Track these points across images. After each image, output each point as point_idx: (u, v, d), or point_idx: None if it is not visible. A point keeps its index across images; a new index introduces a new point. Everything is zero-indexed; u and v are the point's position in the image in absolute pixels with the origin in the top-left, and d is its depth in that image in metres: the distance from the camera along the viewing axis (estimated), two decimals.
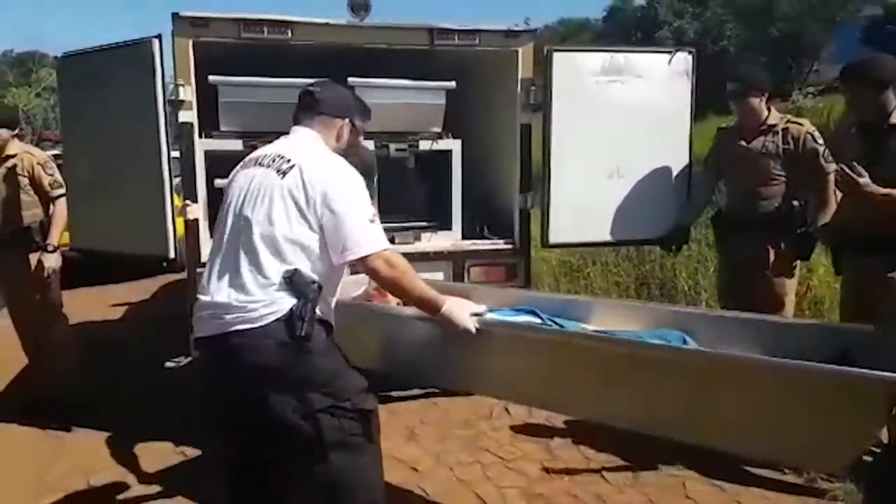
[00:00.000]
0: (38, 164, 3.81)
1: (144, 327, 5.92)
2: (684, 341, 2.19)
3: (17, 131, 3.93)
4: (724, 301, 3.32)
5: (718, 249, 3.74)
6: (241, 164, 2.22)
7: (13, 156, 3.78)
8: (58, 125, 24.36)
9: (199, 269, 3.45)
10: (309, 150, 2.12)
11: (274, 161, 2.06)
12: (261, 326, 1.91)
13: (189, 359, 4.77)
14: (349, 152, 2.61)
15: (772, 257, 3.26)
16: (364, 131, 2.78)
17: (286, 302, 1.93)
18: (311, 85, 2.28)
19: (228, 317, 1.94)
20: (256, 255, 1.96)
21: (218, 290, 1.98)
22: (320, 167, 2.03)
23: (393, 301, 2.51)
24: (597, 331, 2.32)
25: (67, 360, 3.96)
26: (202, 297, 2.04)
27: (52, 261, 3.78)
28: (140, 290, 7.33)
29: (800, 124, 3.28)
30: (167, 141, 3.40)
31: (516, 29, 3.80)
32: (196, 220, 3.47)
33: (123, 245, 3.76)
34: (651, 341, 2.15)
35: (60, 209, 3.81)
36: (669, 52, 3.79)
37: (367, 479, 2.07)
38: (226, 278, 1.99)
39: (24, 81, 26.32)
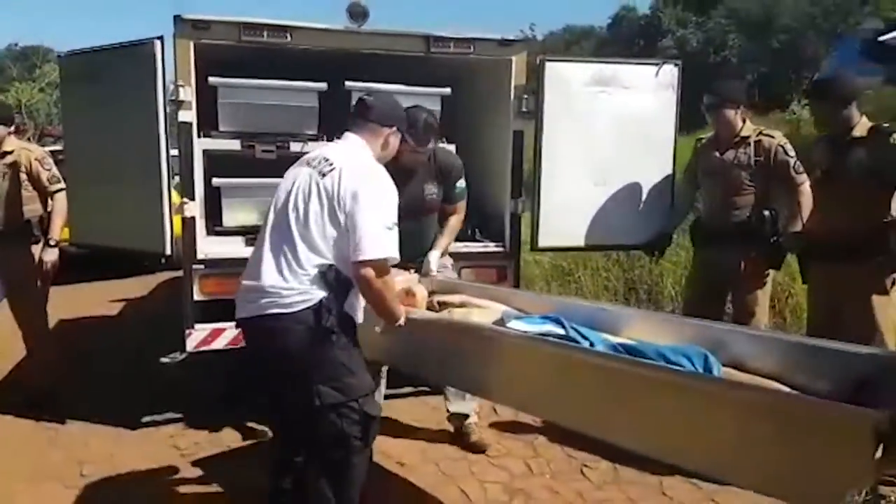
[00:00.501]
0: (36, 159, 3.88)
1: (141, 323, 6.00)
2: (706, 358, 2.11)
3: (12, 128, 4.01)
4: (693, 309, 3.36)
5: (694, 257, 3.82)
6: (297, 163, 2.41)
7: (11, 152, 3.84)
8: (61, 121, 24.52)
9: (194, 266, 3.57)
10: (352, 155, 2.30)
11: (320, 163, 2.26)
12: (292, 313, 2.14)
13: (184, 355, 4.86)
14: (414, 158, 2.98)
15: (743, 266, 3.34)
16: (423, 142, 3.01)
17: (318, 293, 2.14)
18: (366, 94, 2.52)
19: (264, 301, 2.17)
20: (294, 247, 2.16)
21: (258, 276, 2.20)
22: (356, 172, 2.21)
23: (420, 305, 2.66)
24: (620, 343, 2.28)
25: (53, 353, 4.15)
26: (244, 282, 2.27)
27: (53, 255, 3.88)
28: (139, 286, 7.41)
29: (771, 136, 3.37)
30: (167, 140, 3.49)
31: (510, 38, 3.88)
32: (193, 218, 3.54)
33: (122, 241, 3.84)
34: (653, 358, 2.09)
35: (60, 204, 3.89)
36: (657, 65, 3.88)
37: (353, 479, 2.26)
38: (266, 266, 2.19)
39: (27, 76, 26.30)
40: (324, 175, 2.20)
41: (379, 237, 2.12)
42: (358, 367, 2.25)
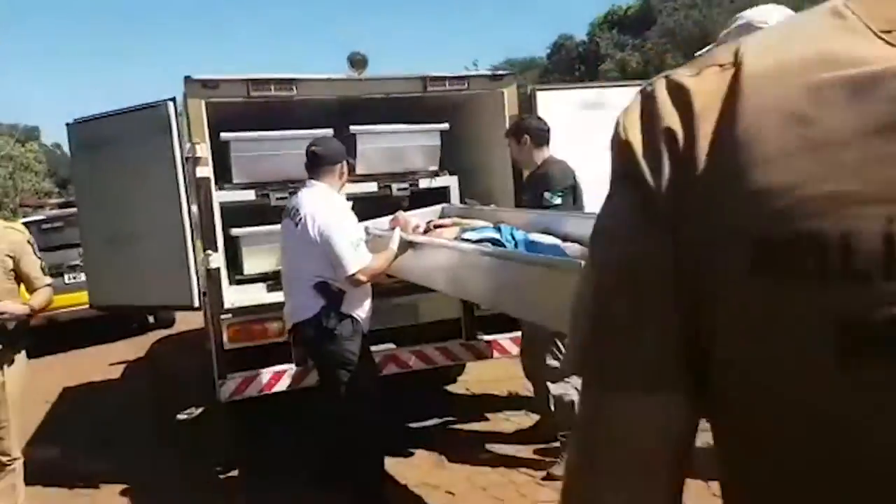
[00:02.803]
0: (29, 242, 3.06)
1: (148, 383, 5.96)
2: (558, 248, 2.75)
3: None
4: None
5: None
6: (284, 213, 3.23)
7: None
8: (18, 193, 23.94)
9: (222, 316, 3.64)
10: (313, 200, 3.07)
11: (293, 214, 3.10)
12: (307, 319, 3.04)
13: (200, 409, 4.88)
14: (525, 158, 3.65)
15: None
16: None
17: (319, 303, 3.01)
18: (313, 144, 3.20)
19: (291, 316, 3.14)
20: (297, 276, 3.10)
21: (286, 298, 3.22)
22: (318, 215, 3.00)
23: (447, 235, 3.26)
24: (530, 239, 2.89)
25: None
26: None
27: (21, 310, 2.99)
28: (133, 347, 7.32)
29: None
30: (187, 195, 3.59)
31: (500, 73, 4.14)
32: (217, 269, 3.63)
33: (146, 299, 3.89)
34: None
35: (46, 298, 3.07)
36: (640, 85, 4.16)
37: (368, 433, 3.11)
38: (287, 290, 3.20)
39: None
40: (297, 224, 3.02)
41: (350, 256, 2.94)
42: (361, 351, 3.06)
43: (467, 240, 2.95)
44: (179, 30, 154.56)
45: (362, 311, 3.13)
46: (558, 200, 3.40)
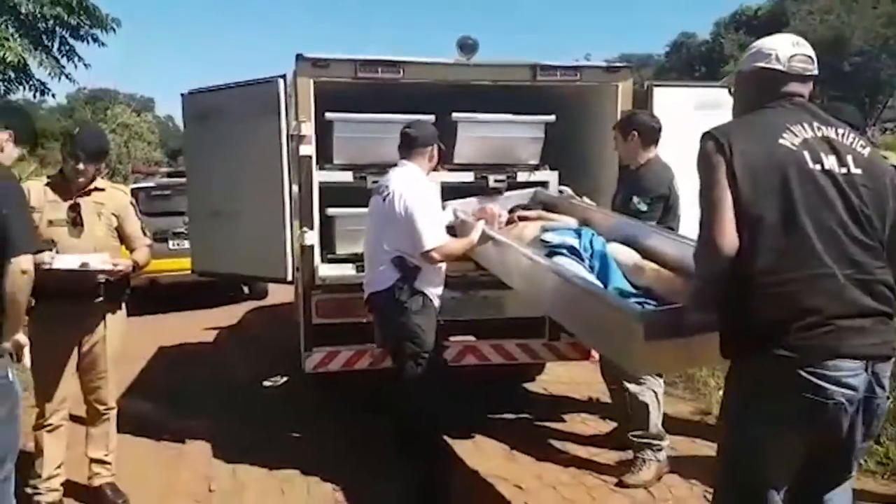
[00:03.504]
0: (132, 203, 3.22)
1: (238, 349, 6.21)
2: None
3: (102, 165, 3.25)
4: None
5: None
6: (374, 190, 3.30)
7: (103, 190, 3.10)
8: (130, 160, 25.74)
9: (312, 291, 3.70)
10: (402, 179, 3.15)
11: (382, 190, 3.19)
12: (381, 290, 3.13)
13: (286, 378, 5.02)
14: (630, 154, 3.47)
15: None
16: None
17: (393, 277, 3.08)
18: (407, 126, 3.28)
19: (371, 283, 3.21)
20: (377, 249, 3.16)
21: (366, 269, 3.30)
22: (405, 192, 3.07)
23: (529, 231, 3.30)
24: (601, 251, 2.84)
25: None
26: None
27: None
28: (226, 315, 7.65)
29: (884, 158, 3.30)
30: (289, 173, 3.65)
31: (617, 65, 3.95)
32: (312, 247, 3.69)
33: (243, 268, 4.01)
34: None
35: (145, 257, 3.20)
36: None
37: (425, 397, 3.09)
38: (368, 262, 3.29)
39: (97, 118, 27.89)
40: (384, 200, 3.11)
41: (428, 233, 3.01)
42: (430, 328, 3.12)
43: (546, 241, 3.00)
44: (290, 7, 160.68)
45: (435, 289, 3.20)
46: (644, 207, 3.26)
